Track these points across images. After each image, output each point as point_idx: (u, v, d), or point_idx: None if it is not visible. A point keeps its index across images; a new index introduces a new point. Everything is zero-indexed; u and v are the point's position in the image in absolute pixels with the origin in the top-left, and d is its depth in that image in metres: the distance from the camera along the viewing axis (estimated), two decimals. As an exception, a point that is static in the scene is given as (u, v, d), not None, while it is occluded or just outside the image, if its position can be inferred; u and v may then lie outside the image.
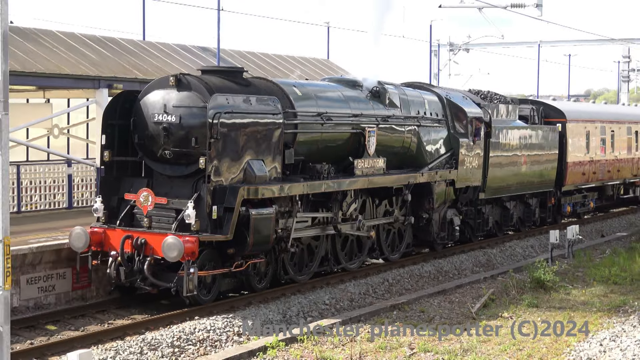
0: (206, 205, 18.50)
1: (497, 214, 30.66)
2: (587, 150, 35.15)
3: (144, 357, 16.24)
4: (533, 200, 32.51)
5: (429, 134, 26.03)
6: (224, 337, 17.92)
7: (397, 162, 24.97)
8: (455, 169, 26.67)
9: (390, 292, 23.09)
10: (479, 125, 27.61)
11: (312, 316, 20.14)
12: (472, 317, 20.70)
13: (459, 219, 27.45)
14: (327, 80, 25.04)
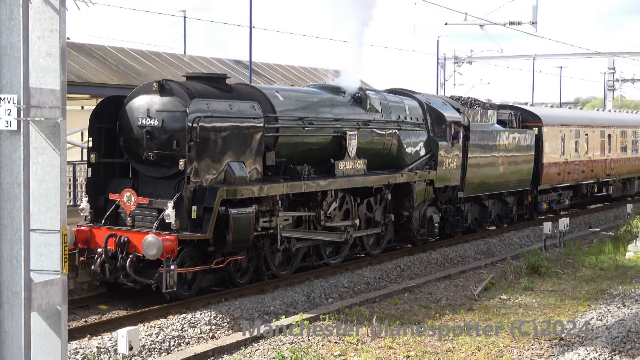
0: (186, 205, 17.55)
1: (476, 211, 29.76)
2: (562, 152, 34.42)
3: (184, 333, 16.32)
4: (511, 199, 31.62)
5: (409, 137, 25.06)
6: (256, 315, 17.97)
7: (378, 163, 23.94)
8: (435, 170, 25.75)
9: (402, 276, 23.13)
10: (458, 128, 26.74)
11: (333, 297, 20.20)
12: (474, 299, 20.79)
13: (438, 217, 26.55)
14: (312, 86, 24.25)
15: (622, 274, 24.06)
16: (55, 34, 8.02)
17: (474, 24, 33.88)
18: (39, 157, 8.06)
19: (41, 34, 7.99)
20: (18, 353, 7.92)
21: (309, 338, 16.60)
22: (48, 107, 8.00)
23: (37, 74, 7.95)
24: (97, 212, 18.65)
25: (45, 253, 8.11)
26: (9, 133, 7.80)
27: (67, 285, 8.31)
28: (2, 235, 7.91)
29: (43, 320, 8.18)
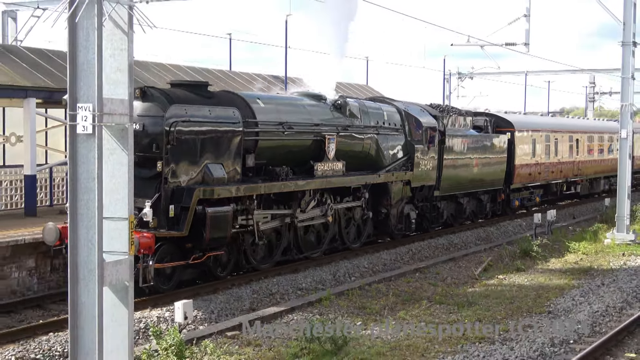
0: (162, 204, 16.25)
1: (452, 208, 28.20)
2: (533, 155, 33.32)
3: (230, 305, 16.33)
4: (485, 197, 30.13)
5: (387, 140, 23.57)
6: (290, 290, 17.98)
7: (357, 165, 22.45)
8: (411, 171, 24.30)
9: (414, 259, 23.08)
10: (433, 133, 25.36)
11: (355, 276, 20.17)
12: (475, 278, 20.72)
13: (415, 213, 25.04)
14: (295, 93, 22.52)
15: (602, 257, 23.91)
16: (124, 53, 8.04)
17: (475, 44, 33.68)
18: (110, 157, 8.09)
19: (112, 52, 8.00)
20: (92, 321, 7.95)
21: (335, 310, 16.62)
22: (118, 114, 8.03)
23: (109, 86, 7.97)
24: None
25: (115, 237, 8.14)
26: (85, 136, 7.84)
27: (132, 264, 8.34)
28: (79, 222, 7.95)
29: (113, 293, 8.21)
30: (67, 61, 7.87)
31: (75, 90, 7.85)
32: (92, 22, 7.75)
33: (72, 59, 7.85)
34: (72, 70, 7.85)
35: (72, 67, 7.86)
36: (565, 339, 13.95)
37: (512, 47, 30.10)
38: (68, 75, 7.85)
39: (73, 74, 7.85)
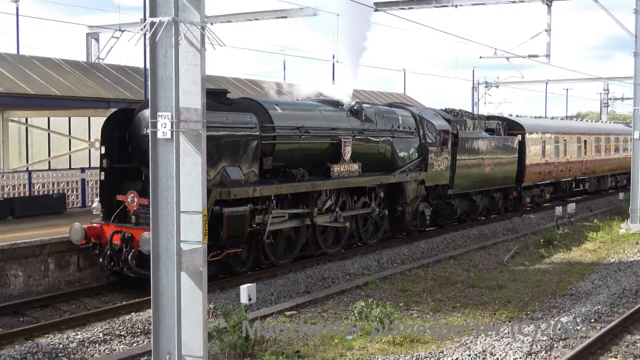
0: None
1: (466, 205, 27.00)
2: (543, 155, 32.20)
3: (288, 288, 16.40)
4: (497, 194, 29.01)
5: (402, 143, 22.51)
6: (340, 275, 17.98)
7: (373, 166, 21.39)
8: (425, 171, 23.25)
9: (448, 247, 22.94)
10: (446, 136, 24.36)
11: (397, 263, 20.11)
12: (504, 264, 20.52)
13: (429, 210, 24.01)
14: (314, 100, 21.13)
15: (617, 245, 23.56)
16: (197, 68, 8.12)
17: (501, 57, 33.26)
18: (185, 158, 8.17)
19: (187, 67, 8.09)
20: (172, 302, 8.05)
21: (380, 292, 16.60)
22: (192, 121, 8.11)
23: (184, 97, 8.05)
24: (110, 211, 16.51)
25: (191, 229, 8.22)
26: (164, 140, 7.93)
27: (206, 252, 8.41)
28: (160, 215, 8.05)
29: (189, 278, 8.30)
30: (143, 75, 7.97)
31: (155, 101, 7.96)
32: (170, 41, 7.85)
33: (153, 73, 7.96)
34: (153, 83, 7.96)
35: (153, 81, 7.97)
36: (587, 318, 13.78)
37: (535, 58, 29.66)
38: (150, 87, 7.96)
39: (154, 87, 7.96)
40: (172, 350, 8.13)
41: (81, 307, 15.11)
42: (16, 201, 21.50)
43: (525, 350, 11.60)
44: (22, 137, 26.93)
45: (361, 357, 11.40)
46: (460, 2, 28.01)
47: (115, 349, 12.21)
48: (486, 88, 64.59)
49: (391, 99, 41.69)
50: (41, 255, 16.25)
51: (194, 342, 8.30)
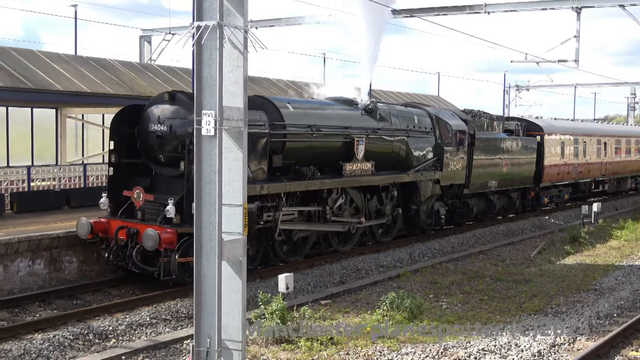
0: (186, 202, 14.46)
1: (482, 204, 25.86)
2: (562, 156, 30.86)
3: (323, 279, 16.40)
4: (515, 194, 27.98)
5: (417, 142, 21.57)
6: (373, 267, 17.96)
7: (387, 165, 20.51)
8: (440, 171, 22.25)
9: (478, 242, 22.78)
10: (463, 136, 23.30)
11: (428, 256, 20.03)
12: (531, 259, 20.31)
13: (444, 210, 22.95)
14: (329, 99, 20.28)
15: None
16: (240, 69, 8.15)
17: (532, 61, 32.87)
18: (228, 154, 8.20)
19: (230, 69, 8.12)
20: (213, 290, 8.10)
21: (411, 284, 16.54)
22: (235, 119, 8.14)
23: (227, 97, 8.08)
24: (118, 207, 15.81)
25: (232, 220, 8.25)
26: (208, 137, 7.98)
27: (246, 242, 8.45)
28: (203, 208, 8.10)
29: (230, 267, 8.33)
30: (191, 76, 8.02)
31: (200, 100, 8.01)
32: (215, 44, 7.88)
33: (198, 74, 8.01)
34: (198, 83, 8.01)
35: (198, 81, 8.01)
36: (610, 313, 13.60)
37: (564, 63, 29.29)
38: (195, 87, 8.01)
39: (199, 87, 8.00)
40: (212, 335, 8.18)
41: (130, 292, 15.27)
42: (72, 192, 21.80)
43: (549, 342, 11.49)
44: (78, 132, 27.30)
45: (391, 345, 11.38)
46: (493, 8, 27.75)
47: (160, 332, 12.33)
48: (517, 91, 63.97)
49: (425, 100, 41.47)
50: (93, 243, 16.29)
51: (234, 327, 8.34)
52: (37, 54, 24.57)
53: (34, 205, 20.09)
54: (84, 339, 11.61)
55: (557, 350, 11.26)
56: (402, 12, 28.53)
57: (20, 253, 15.06)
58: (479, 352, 10.97)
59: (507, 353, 11.00)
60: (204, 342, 8.21)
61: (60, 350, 11.10)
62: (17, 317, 13.26)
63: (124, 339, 11.88)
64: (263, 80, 32.32)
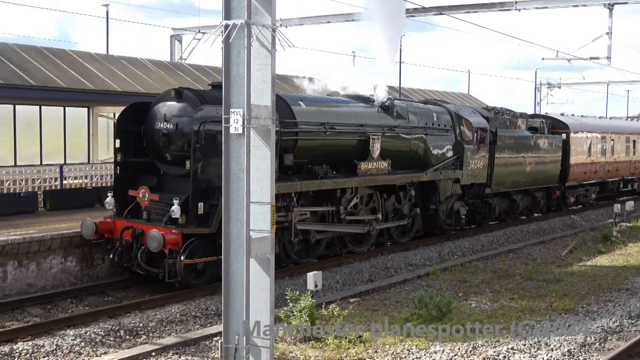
0: (191, 201, 14.18)
1: (505, 204, 25.16)
2: (588, 154, 29.96)
3: (352, 277, 16.36)
4: (539, 194, 27.10)
5: (436, 140, 20.94)
6: (402, 265, 17.90)
7: (405, 164, 19.89)
8: (460, 169, 21.56)
9: (508, 241, 22.61)
10: (484, 134, 22.63)
11: (457, 255, 19.93)
12: (562, 259, 20.11)
13: (465, 209, 22.25)
14: (344, 96, 19.66)
15: (675, 242, 22.94)
16: (268, 68, 8.19)
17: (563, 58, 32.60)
18: (256, 152, 8.25)
19: (258, 67, 8.16)
20: (241, 287, 8.15)
21: (440, 283, 16.48)
22: (263, 118, 8.18)
23: (255, 95, 8.13)
24: (124, 206, 15.44)
25: (260, 218, 8.30)
26: (236, 135, 8.02)
27: (274, 240, 8.48)
28: (232, 205, 8.14)
29: (257, 264, 8.37)
30: (221, 75, 8.07)
31: (229, 98, 8.06)
32: (243, 42, 7.93)
33: (227, 72, 8.06)
34: (227, 81, 8.06)
35: (226, 79, 8.06)
36: (641, 313, 13.44)
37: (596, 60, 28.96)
38: (223, 85, 8.06)
39: (227, 85, 8.05)
40: (240, 332, 8.23)
41: (160, 290, 15.38)
42: (103, 190, 21.98)
43: (580, 342, 11.37)
44: (110, 131, 27.56)
45: (420, 343, 11.35)
46: (524, 5, 27.52)
47: (190, 328, 12.42)
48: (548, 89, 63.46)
49: (455, 98, 41.31)
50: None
51: (262, 324, 8.38)
52: (70, 53, 24.86)
53: (67, 203, 20.31)
54: (114, 335, 11.73)
55: (588, 350, 11.15)
56: (431, 10, 28.42)
57: (53, 250, 15.25)
58: (508, 351, 10.90)
59: (537, 352, 10.92)
60: (232, 339, 8.26)
61: (92, 346, 11.22)
62: (49, 313, 13.44)
63: (154, 336, 11.98)
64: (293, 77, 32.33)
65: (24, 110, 21.59)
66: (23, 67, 21.87)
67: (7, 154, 21.40)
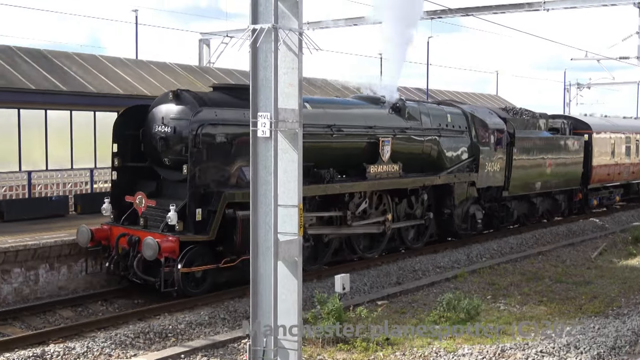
0: (188, 208, 13.59)
1: (524, 207, 24.32)
2: (612, 156, 29.02)
3: (380, 279, 16.34)
4: (560, 196, 26.25)
5: (450, 142, 20.20)
6: (430, 268, 17.84)
7: (417, 167, 19.18)
8: (476, 172, 20.83)
9: (537, 243, 22.45)
10: (501, 135, 21.85)
11: (486, 257, 19.81)
12: (591, 261, 19.91)
13: (481, 213, 21.46)
14: (354, 97, 19.18)
15: None
16: (295, 71, 8.20)
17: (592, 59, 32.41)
18: (283, 155, 8.26)
19: (285, 71, 8.17)
20: (269, 289, 8.16)
21: (469, 285, 16.39)
22: (290, 121, 8.19)
23: (282, 98, 8.14)
24: (123, 213, 14.87)
25: (287, 221, 8.30)
26: (264, 139, 8.05)
27: (302, 243, 8.49)
28: (259, 208, 8.16)
29: (285, 267, 8.38)
30: (249, 78, 8.11)
31: (256, 102, 8.09)
32: (270, 46, 7.95)
33: (254, 76, 8.09)
34: (254, 85, 8.09)
35: (253, 83, 8.09)
36: (673, 315, 13.26)
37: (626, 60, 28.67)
38: (251, 89, 8.09)
39: (255, 89, 8.08)
40: (268, 334, 8.24)
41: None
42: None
43: (610, 345, 11.25)
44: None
45: (448, 346, 11.30)
46: (552, 5, 27.35)
47: (219, 331, 12.47)
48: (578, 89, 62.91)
49: (484, 100, 41.08)
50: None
51: (290, 326, 8.39)
52: (100, 58, 25.11)
53: (97, 207, 20.27)
54: (144, 338, 11.82)
55: (618, 353, 11.02)
56: (458, 11, 28.31)
57: (84, 253, 15.39)
58: (537, 354, 10.81)
59: (566, 355, 10.82)
60: (260, 342, 8.28)
61: (122, 348, 11.32)
62: (80, 316, 13.58)
63: (183, 338, 12.05)
64: (320, 81, 32.40)
65: (56, 115, 21.81)
66: (55, 72, 22.14)
67: (39, 158, 21.62)
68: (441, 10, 28.35)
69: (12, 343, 11.42)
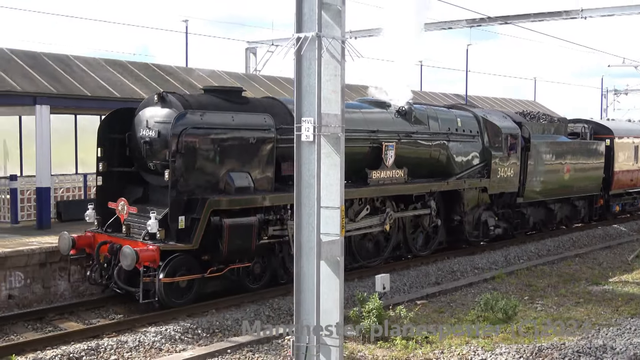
0: (169, 215, 12.66)
1: (541, 214, 22.93)
2: (635, 161, 27.55)
3: (419, 279, 16.28)
4: (580, 202, 24.81)
5: (460, 147, 19.06)
6: (468, 269, 17.72)
7: (424, 172, 18.13)
8: (488, 178, 19.67)
9: (574, 246, 22.15)
10: (515, 140, 20.53)
11: (523, 259, 19.61)
12: (628, 263, 19.58)
13: (493, 220, 20.29)
14: (358, 100, 18.33)
15: None
16: (338, 78, 8.23)
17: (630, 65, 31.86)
18: (326, 159, 8.29)
19: (328, 78, 8.21)
20: (312, 288, 8.19)
21: (506, 286, 16.25)
22: (332, 126, 8.22)
23: (325, 104, 8.17)
24: (106, 219, 13.90)
25: (329, 222, 8.33)
26: (308, 143, 8.09)
27: (344, 242, 8.51)
28: (303, 210, 8.20)
29: (327, 266, 8.41)
30: (293, 85, 8.17)
31: (300, 107, 8.13)
32: (313, 54, 7.99)
33: (298, 83, 8.13)
34: (298, 92, 8.14)
35: (298, 90, 8.14)
36: None
37: (664, 66, 28.09)
38: (295, 95, 8.14)
39: (299, 95, 8.13)
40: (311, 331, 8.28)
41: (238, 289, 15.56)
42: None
43: (646, 346, 11.06)
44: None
45: (486, 345, 11.22)
46: (590, 13, 26.96)
47: (264, 327, 12.55)
48: (615, 95, 61.93)
49: (521, 105, 40.64)
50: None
51: (332, 324, 8.42)
52: (152, 67, 25.45)
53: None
54: (192, 333, 11.95)
55: (655, 354, 10.83)
56: (497, 19, 28.08)
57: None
58: (573, 354, 10.67)
59: (602, 356, 10.66)
60: (303, 338, 8.32)
61: (172, 343, 11.46)
62: (131, 311, 13.77)
63: (230, 334, 12.16)
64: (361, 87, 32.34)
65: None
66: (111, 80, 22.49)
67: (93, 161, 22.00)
68: (480, 19, 28.13)
69: (69, 336, 11.65)
